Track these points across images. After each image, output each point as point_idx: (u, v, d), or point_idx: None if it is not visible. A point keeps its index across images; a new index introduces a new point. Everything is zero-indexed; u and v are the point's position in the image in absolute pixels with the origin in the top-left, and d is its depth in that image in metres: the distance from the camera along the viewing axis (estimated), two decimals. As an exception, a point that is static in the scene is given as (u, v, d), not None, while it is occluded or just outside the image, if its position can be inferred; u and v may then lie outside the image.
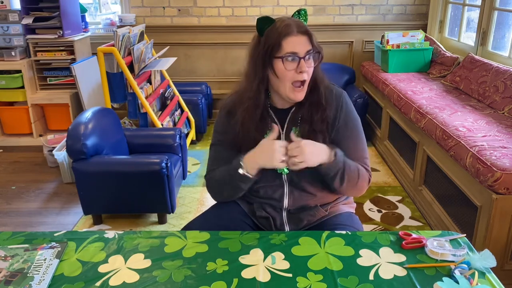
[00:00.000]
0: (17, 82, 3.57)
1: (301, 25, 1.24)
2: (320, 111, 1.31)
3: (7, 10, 3.48)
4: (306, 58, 1.23)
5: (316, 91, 1.31)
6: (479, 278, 1.04)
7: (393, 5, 4.04)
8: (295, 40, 1.22)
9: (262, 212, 1.41)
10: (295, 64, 1.23)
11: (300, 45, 1.22)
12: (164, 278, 1.07)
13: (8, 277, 1.07)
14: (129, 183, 2.36)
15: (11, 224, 2.62)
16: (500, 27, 2.99)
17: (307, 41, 1.23)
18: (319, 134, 1.31)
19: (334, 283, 1.04)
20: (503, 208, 1.80)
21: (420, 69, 3.56)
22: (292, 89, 1.26)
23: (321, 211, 1.40)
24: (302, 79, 1.24)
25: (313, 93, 1.31)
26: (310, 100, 1.31)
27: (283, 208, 1.39)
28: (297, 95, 1.27)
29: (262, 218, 1.42)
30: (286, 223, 1.40)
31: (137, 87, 2.92)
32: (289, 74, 1.24)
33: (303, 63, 1.22)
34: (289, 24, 1.23)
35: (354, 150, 1.35)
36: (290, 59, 1.22)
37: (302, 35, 1.23)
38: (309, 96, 1.31)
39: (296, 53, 1.22)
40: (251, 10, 4.04)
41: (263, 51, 1.25)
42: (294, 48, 1.22)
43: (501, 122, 2.29)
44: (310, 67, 1.25)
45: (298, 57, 1.22)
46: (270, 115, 1.36)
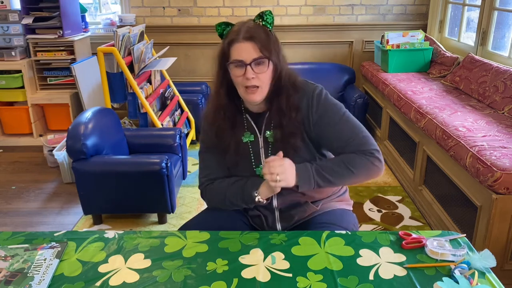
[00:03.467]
0: (17, 82, 3.57)
1: (249, 32, 1.22)
2: (288, 115, 1.29)
3: (7, 10, 3.48)
4: (253, 64, 1.21)
5: (281, 95, 1.29)
6: (479, 278, 1.04)
7: (393, 5, 4.04)
8: (241, 47, 1.21)
9: (254, 211, 1.43)
10: (242, 71, 1.22)
11: (245, 52, 1.20)
12: (164, 278, 1.07)
13: (8, 277, 1.07)
14: (129, 183, 2.36)
15: (11, 224, 2.62)
16: (500, 27, 2.99)
17: (253, 48, 1.21)
18: (292, 136, 1.30)
19: (334, 283, 1.04)
20: (503, 208, 1.80)
21: (420, 69, 3.56)
22: (246, 92, 1.25)
23: (312, 207, 1.41)
24: (250, 84, 1.23)
25: (278, 97, 1.29)
26: (276, 105, 1.30)
27: (274, 208, 1.40)
28: (251, 97, 1.25)
29: (255, 217, 1.44)
30: (278, 221, 1.41)
31: (137, 87, 2.92)
32: (239, 80, 1.24)
33: (250, 70, 1.21)
34: (236, 31, 1.23)
35: (340, 135, 1.28)
36: (236, 65, 1.22)
37: (248, 42, 1.20)
38: (275, 100, 1.30)
39: (241, 60, 1.21)
40: (251, 10, 4.04)
41: (219, 56, 1.27)
42: (239, 55, 1.21)
43: (501, 122, 2.29)
44: (261, 73, 1.23)
45: (244, 64, 1.21)
46: (246, 118, 1.36)
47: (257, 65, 1.22)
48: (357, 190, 2.85)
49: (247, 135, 1.36)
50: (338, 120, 1.29)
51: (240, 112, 1.36)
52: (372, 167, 1.27)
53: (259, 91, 1.25)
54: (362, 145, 1.27)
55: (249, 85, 1.23)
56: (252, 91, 1.24)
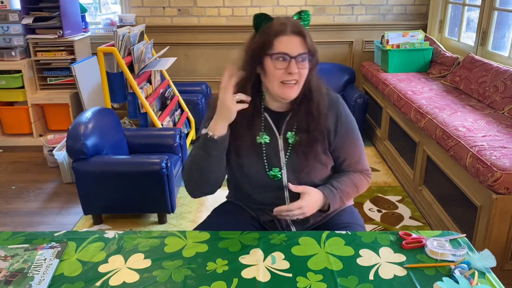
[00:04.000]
0: (17, 82, 3.57)
1: (297, 26, 1.20)
2: (317, 121, 1.27)
3: (7, 10, 3.48)
4: (298, 59, 1.19)
5: (311, 98, 1.27)
6: (479, 278, 1.04)
7: (393, 5, 4.04)
8: (288, 40, 1.18)
9: (266, 217, 1.40)
10: (285, 64, 1.19)
11: (292, 45, 1.18)
12: (164, 278, 1.07)
13: (8, 277, 1.07)
14: (129, 183, 2.36)
15: (11, 224, 2.62)
16: (500, 27, 2.99)
17: (300, 43, 1.19)
18: (316, 142, 1.29)
19: (334, 283, 1.04)
20: (503, 208, 1.80)
21: (420, 69, 3.56)
22: (282, 86, 1.21)
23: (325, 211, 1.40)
24: (291, 79, 1.20)
25: (308, 100, 1.27)
26: (305, 109, 1.27)
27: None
28: (288, 92, 1.22)
29: (268, 222, 1.41)
30: (292, 224, 1.39)
31: (137, 87, 2.92)
32: (278, 73, 1.20)
33: (294, 64, 1.18)
34: (284, 23, 1.20)
35: (354, 154, 1.38)
36: (280, 58, 1.19)
37: (296, 36, 1.19)
38: (304, 103, 1.27)
39: (287, 53, 1.18)
40: (251, 10, 4.04)
41: (255, 47, 1.21)
42: (285, 48, 1.18)
43: (501, 122, 2.29)
44: (303, 69, 1.21)
45: (289, 57, 1.18)
46: (264, 116, 1.31)
47: (301, 61, 1.19)
48: (357, 190, 2.84)
49: (263, 136, 1.31)
50: (356, 139, 1.37)
51: (259, 110, 1.31)
52: (367, 186, 1.44)
53: (296, 87, 1.23)
54: (364, 165, 1.42)
55: (289, 80, 1.20)
56: (290, 86, 1.21)
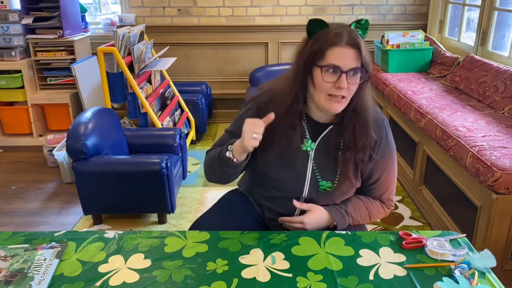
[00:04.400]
0: (17, 82, 3.57)
1: (354, 37, 1.11)
2: (364, 139, 1.21)
3: (7, 10, 3.48)
4: (349, 74, 1.11)
5: (361, 115, 1.20)
6: (479, 278, 1.04)
7: (393, 5, 4.04)
8: (341, 52, 1.10)
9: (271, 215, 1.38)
10: (335, 77, 1.12)
11: (346, 59, 1.11)
12: (164, 278, 1.07)
13: (8, 277, 1.06)
14: (129, 183, 2.36)
15: (11, 224, 2.62)
16: (500, 27, 2.99)
17: (355, 56, 1.11)
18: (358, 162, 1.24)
19: (334, 283, 1.04)
20: (503, 208, 1.80)
21: (420, 69, 3.55)
22: (328, 99, 1.15)
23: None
24: (339, 94, 1.13)
25: (358, 116, 1.20)
26: (354, 125, 1.20)
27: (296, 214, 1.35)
28: (333, 106, 1.15)
29: (272, 220, 1.39)
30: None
31: (137, 87, 2.92)
32: (326, 86, 1.13)
33: (344, 78, 1.10)
34: (339, 33, 1.11)
35: (384, 182, 1.32)
36: (331, 71, 1.12)
37: (351, 48, 1.11)
38: (353, 119, 1.20)
39: (338, 66, 1.11)
40: (251, 10, 4.04)
41: (306, 55, 1.15)
42: (337, 60, 1.10)
43: (501, 122, 2.29)
44: (353, 84, 1.13)
45: (340, 71, 1.11)
46: (302, 123, 1.25)
47: (353, 75, 1.12)
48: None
49: (307, 142, 1.26)
50: (391, 168, 1.32)
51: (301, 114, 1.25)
52: (383, 216, 1.39)
53: (344, 101, 1.16)
54: (389, 196, 1.37)
55: (337, 94, 1.13)
56: (337, 100, 1.14)
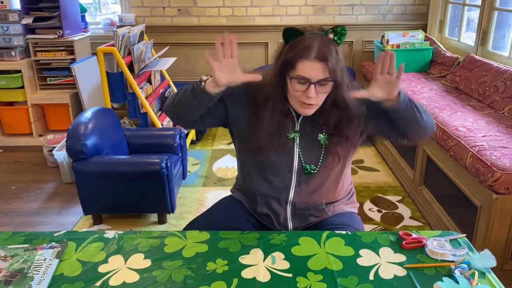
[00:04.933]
0: (17, 82, 3.57)
1: (322, 51, 1.15)
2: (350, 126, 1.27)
3: (7, 10, 3.48)
4: (317, 84, 1.16)
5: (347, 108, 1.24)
6: (479, 278, 1.04)
7: (393, 5, 4.04)
8: (310, 66, 1.15)
9: (263, 209, 1.40)
10: (304, 87, 1.17)
11: (314, 71, 1.15)
12: (164, 278, 1.07)
13: (8, 277, 1.07)
14: (129, 183, 2.36)
15: (11, 224, 2.62)
16: (500, 27, 2.99)
17: (323, 69, 1.15)
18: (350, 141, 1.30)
19: (334, 283, 1.04)
20: (503, 208, 1.80)
21: (420, 69, 3.56)
22: (299, 104, 1.22)
23: (325, 212, 1.40)
24: (308, 102, 1.19)
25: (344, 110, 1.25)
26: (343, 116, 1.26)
27: (288, 202, 1.36)
28: (304, 111, 1.23)
29: (264, 216, 1.41)
30: (290, 219, 1.38)
31: (137, 87, 2.92)
32: (297, 94, 1.19)
33: (312, 89, 1.16)
34: (309, 46, 1.15)
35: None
36: (300, 81, 1.17)
37: (319, 62, 1.15)
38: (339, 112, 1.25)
39: (307, 78, 1.16)
40: (251, 10, 4.04)
41: (280, 63, 1.20)
42: (306, 73, 1.15)
43: (501, 122, 2.29)
44: (322, 93, 1.20)
45: (309, 82, 1.16)
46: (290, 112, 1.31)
47: (321, 85, 1.18)
48: (357, 190, 2.83)
49: (293, 131, 1.32)
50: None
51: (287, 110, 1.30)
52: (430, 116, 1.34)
53: (314, 107, 1.23)
54: None
55: (306, 102, 1.19)
56: (307, 106, 1.21)
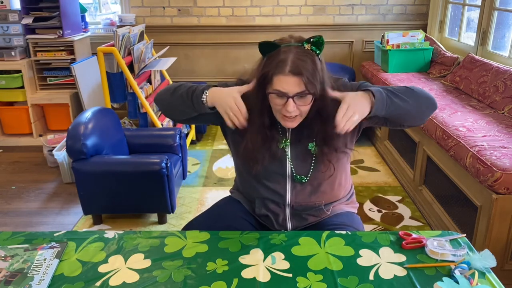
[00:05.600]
0: (17, 82, 3.57)
1: (297, 64, 1.14)
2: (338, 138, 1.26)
3: (7, 10, 3.48)
4: (295, 98, 1.16)
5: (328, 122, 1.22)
6: (479, 278, 1.04)
7: (393, 5, 4.04)
8: (285, 80, 1.14)
9: (262, 210, 1.40)
10: (283, 101, 1.17)
11: (290, 85, 1.14)
12: (164, 278, 1.07)
13: (8, 277, 1.07)
14: (129, 183, 2.36)
15: (11, 224, 2.62)
16: (500, 27, 2.99)
17: (298, 83, 1.14)
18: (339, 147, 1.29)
19: (334, 283, 1.04)
20: (503, 208, 1.80)
21: (420, 69, 3.56)
22: (282, 117, 1.22)
23: (324, 212, 1.40)
24: (289, 115, 1.19)
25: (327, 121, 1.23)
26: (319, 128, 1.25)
27: (286, 204, 1.37)
28: (287, 124, 1.23)
29: (264, 216, 1.42)
30: (289, 219, 1.39)
31: (137, 87, 2.92)
32: (277, 108, 1.20)
33: (290, 103, 1.16)
34: (284, 61, 1.14)
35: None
36: (277, 96, 1.17)
37: (294, 76, 1.13)
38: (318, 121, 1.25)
39: (284, 92, 1.15)
40: (251, 10, 4.04)
41: (258, 77, 1.20)
42: (283, 87, 1.15)
43: (501, 122, 2.29)
44: (303, 105, 1.19)
45: (287, 96, 1.16)
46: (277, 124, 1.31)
47: (300, 98, 1.17)
48: (357, 190, 2.84)
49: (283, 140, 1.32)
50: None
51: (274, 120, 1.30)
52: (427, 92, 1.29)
53: (297, 119, 1.22)
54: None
55: (287, 115, 1.19)
56: (290, 119, 1.21)
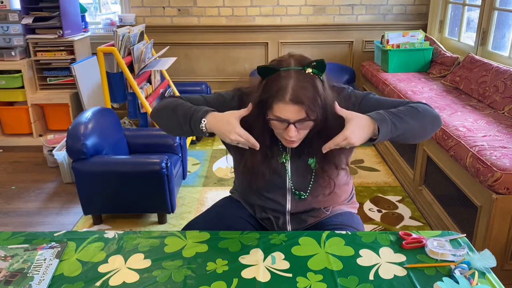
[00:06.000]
0: (17, 82, 3.57)
1: (297, 93, 1.11)
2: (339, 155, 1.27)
3: (7, 10, 3.48)
4: (296, 124, 1.14)
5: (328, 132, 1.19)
6: (479, 278, 1.04)
7: (393, 5, 4.04)
8: (286, 108, 1.12)
9: (262, 214, 1.41)
10: (284, 126, 1.16)
11: (291, 113, 1.13)
12: (164, 278, 1.07)
13: (8, 277, 1.07)
14: (129, 183, 2.36)
15: (11, 224, 2.62)
16: (500, 27, 2.99)
17: (299, 110, 1.12)
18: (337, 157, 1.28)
19: (334, 283, 1.04)
20: (503, 208, 1.80)
21: (420, 69, 3.56)
22: (284, 140, 1.22)
23: (323, 212, 1.41)
24: (290, 139, 1.18)
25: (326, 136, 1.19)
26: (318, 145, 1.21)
27: (286, 212, 1.39)
28: (289, 144, 1.23)
29: (265, 219, 1.43)
30: (289, 222, 1.40)
31: (137, 87, 2.92)
32: (279, 131, 1.20)
33: (292, 128, 1.14)
34: (284, 88, 1.11)
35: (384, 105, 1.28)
36: (278, 121, 1.15)
37: (294, 105, 1.11)
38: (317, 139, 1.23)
39: (284, 119, 1.14)
40: (251, 10, 4.04)
41: (258, 101, 1.17)
42: (283, 115, 1.13)
43: (501, 122, 2.29)
44: (303, 129, 1.18)
45: (288, 122, 1.14)
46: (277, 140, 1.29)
47: (301, 123, 1.15)
48: (357, 190, 2.84)
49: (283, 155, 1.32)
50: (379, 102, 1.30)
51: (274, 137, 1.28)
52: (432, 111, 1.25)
53: (298, 141, 1.22)
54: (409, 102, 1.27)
55: (287, 139, 1.19)
56: (290, 142, 1.21)
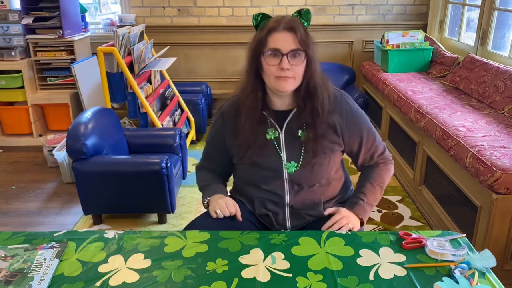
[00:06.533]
0: (17, 82, 3.57)
1: (290, 23, 1.22)
2: (321, 117, 1.30)
3: (7, 10, 3.48)
4: (290, 55, 1.21)
5: (316, 95, 1.29)
6: (479, 278, 1.04)
7: (393, 5, 4.04)
8: (279, 37, 1.21)
9: (261, 210, 1.42)
10: (278, 60, 1.22)
11: (284, 42, 1.21)
12: (164, 278, 1.07)
13: (8, 277, 1.07)
14: (129, 183, 2.36)
15: (11, 224, 2.62)
16: (500, 27, 2.99)
17: (293, 39, 1.21)
18: (324, 138, 1.32)
19: (334, 283, 1.04)
20: (503, 208, 1.80)
21: (420, 69, 3.56)
22: (277, 80, 1.24)
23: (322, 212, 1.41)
24: (283, 75, 1.22)
25: (312, 97, 1.29)
26: (311, 106, 1.30)
27: (285, 204, 1.39)
28: (281, 85, 1.25)
29: (264, 216, 1.43)
30: (289, 218, 1.40)
31: (137, 87, 2.92)
32: (272, 69, 1.23)
33: (285, 60, 1.21)
34: (277, 20, 1.23)
35: (368, 147, 1.41)
36: (272, 54, 1.22)
37: (287, 32, 1.21)
38: (308, 99, 1.30)
39: (278, 49, 1.21)
40: (251, 10, 4.04)
41: (253, 45, 1.26)
42: (276, 44, 1.21)
43: (501, 122, 2.29)
44: (296, 65, 1.23)
45: (281, 54, 1.21)
46: (266, 116, 1.34)
47: (294, 57, 1.22)
48: (357, 190, 2.84)
49: (271, 131, 1.35)
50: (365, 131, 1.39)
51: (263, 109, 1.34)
52: (391, 173, 1.47)
53: (291, 81, 1.25)
54: (383, 154, 1.45)
55: (282, 75, 1.22)
56: (284, 79, 1.24)
